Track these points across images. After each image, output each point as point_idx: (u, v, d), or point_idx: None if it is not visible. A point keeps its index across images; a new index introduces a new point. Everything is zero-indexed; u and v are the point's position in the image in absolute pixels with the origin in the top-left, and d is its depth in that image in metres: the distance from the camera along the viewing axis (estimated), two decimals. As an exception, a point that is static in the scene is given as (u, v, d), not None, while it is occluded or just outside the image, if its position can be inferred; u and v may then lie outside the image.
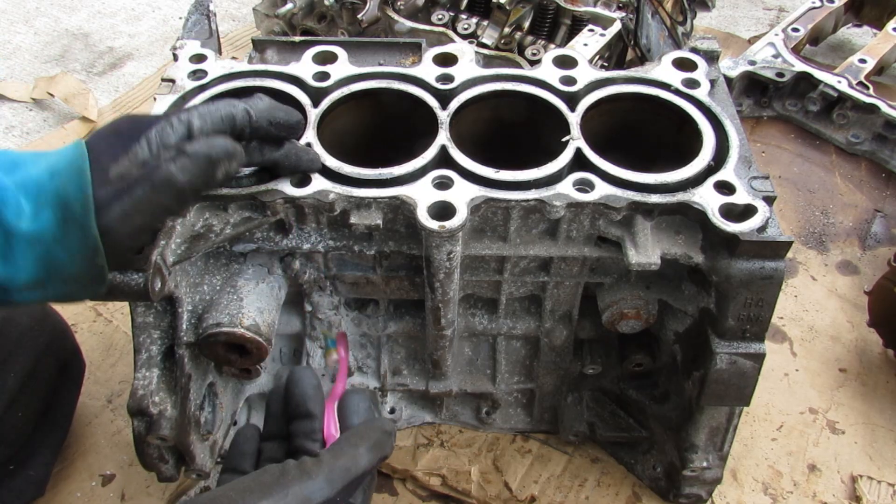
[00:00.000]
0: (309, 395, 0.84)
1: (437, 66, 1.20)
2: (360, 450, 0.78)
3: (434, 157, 1.06)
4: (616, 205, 1.01)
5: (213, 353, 1.07)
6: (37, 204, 0.76)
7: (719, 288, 1.01)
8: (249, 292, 1.09)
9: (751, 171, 1.05)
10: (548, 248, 1.09)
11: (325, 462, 0.76)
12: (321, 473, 0.74)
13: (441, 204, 1.00)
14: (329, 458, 0.76)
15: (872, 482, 1.38)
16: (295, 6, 2.00)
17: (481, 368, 1.33)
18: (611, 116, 1.19)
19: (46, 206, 0.76)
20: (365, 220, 1.02)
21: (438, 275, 1.06)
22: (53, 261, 0.77)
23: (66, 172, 0.77)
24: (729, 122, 1.12)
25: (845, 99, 2.02)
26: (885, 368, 1.56)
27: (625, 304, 1.13)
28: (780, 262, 0.98)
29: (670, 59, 1.21)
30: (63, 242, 0.77)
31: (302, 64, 1.20)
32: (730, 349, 1.05)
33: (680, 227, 1.04)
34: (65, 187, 0.76)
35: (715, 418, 1.15)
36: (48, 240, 0.76)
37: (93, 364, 1.46)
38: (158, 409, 1.06)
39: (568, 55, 1.22)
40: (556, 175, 1.04)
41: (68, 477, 1.34)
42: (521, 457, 1.41)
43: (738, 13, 2.76)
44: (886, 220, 1.88)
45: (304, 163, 1.02)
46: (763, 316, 1.03)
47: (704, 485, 1.25)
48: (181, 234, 1.01)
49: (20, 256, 0.76)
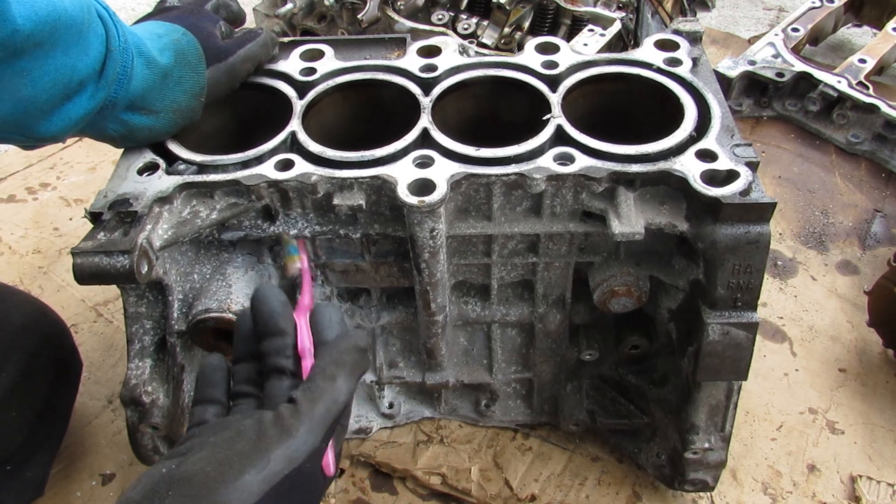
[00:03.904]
0: (277, 311, 0.78)
1: (422, 58, 1.22)
2: (339, 381, 0.73)
3: (416, 138, 1.08)
4: (596, 175, 1.01)
5: (203, 340, 1.08)
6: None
7: (706, 256, 1.00)
8: (238, 279, 1.10)
9: (733, 139, 1.05)
10: (532, 225, 1.09)
11: (303, 410, 0.70)
12: (302, 426, 0.69)
13: (421, 181, 1.00)
14: (306, 404, 0.71)
15: (872, 482, 1.35)
16: (295, 6, 2.03)
17: (477, 358, 1.32)
18: (595, 98, 1.20)
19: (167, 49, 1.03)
20: (348, 200, 1.04)
21: (423, 254, 1.06)
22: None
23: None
24: (711, 96, 1.12)
25: (845, 99, 2.02)
26: (885, 368, 1.54)
27: (615, 281, 1.12)
28: (766, 226, 0.97)
29: (652, 41, 1.22)
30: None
31: (290, 61, 1.23)
32: (722, 319, 1.03)
33: (664, 198, 1.04)
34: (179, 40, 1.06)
35: (714, 396, 1.13)
36: None
37: (93, 364, 1.48)
38: (151, 399, 1.07)
39: (550, 41, 1.24)
40: (536, 150, 1.05)
41: (68, 477, 1.34)
42: (522, 454, 1.39)
43: (738, 13, 2.78)
44: (886, 220, 1.86)
45: None
46: (753, 283, 1.01)
47: (709, 469, 1.21)
48: (168, 219, 1.02)
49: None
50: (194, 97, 1.07)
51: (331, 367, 0.74)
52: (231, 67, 1.12)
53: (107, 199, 1.02)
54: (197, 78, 1.07)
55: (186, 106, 1.07)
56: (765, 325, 1.60)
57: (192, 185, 1.04)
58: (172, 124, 1.08)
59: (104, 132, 1.04)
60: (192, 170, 1.07)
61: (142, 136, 1.07)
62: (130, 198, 1.01)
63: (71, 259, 0.95)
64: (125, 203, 1.00)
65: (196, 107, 1.09)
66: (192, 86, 1.07)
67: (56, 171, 2.02)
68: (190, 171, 1.06)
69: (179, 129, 1.10)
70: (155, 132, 1.07)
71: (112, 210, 1.00)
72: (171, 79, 1.04)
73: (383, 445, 1.39)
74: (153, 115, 1.05)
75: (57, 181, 1.99)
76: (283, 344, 0.77)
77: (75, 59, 0.90)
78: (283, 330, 0.78)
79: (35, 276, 1.73)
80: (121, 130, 1.04)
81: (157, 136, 1.09)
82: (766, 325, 1.60)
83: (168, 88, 1.04)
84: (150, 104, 1.03)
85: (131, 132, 1.05)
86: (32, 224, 1.87)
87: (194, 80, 1.06)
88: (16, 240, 1.83)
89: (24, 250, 1.80)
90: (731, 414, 1.15)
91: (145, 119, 1.04)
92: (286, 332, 0.78)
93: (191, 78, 1.06)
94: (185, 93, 1.06)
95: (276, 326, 0.78)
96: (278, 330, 0.78)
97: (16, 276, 1.73)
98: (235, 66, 1.12)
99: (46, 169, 2.03)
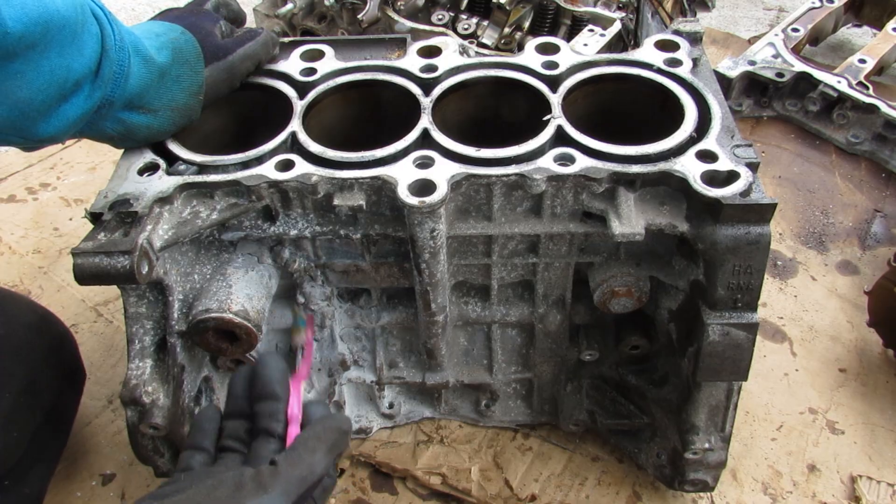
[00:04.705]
0: (275, 378, 0.86)
1: (422, 58, 1.22)
2: (318, 455, 0.80)
3: (416, 139, 1.08)
4: (597, 176, 1.01)
5: (203, 340, 1.07)
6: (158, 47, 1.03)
7: (706, 256, 1.00)
8: (239, 279, 1.10)
9: (734, 140, 1.05)
10: (533, 225, 1.09)
11: (281, 472, 0.76)
12: (277, 486, 0.75)
13: (422, 181, 1.00)
14: (286, 468, 0.77)
15: (872, 482, 1.35)
16: (295, 6, 2.03)
17: (477, 359, 1.32)
18: (595, 99, 1.20)
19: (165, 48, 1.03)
20: (348, 201, 1.04)
21: (424, 255, 1.06)
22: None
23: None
24: (711, 96, 1.12)
25: (845, 99, 2.02)
26: (885, 368, 1.54)
27: (615, 282, 1.12)
28: (766, 227, 0.97)
29: (652, 42, 1.22)
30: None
31: (290, 61, 1.23)
32: (722, 320, 1.03)
33: (664, 199, 1.04)
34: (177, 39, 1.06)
35: (714, 396, 1.13)
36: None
37: (93, 364, 1.48)
38: (151, 399, 1.07)
39: (550, 42, 1.24)
40: (537, 151, 1.05)
41: (68, 477, 1.34)
42: (522, 454, 1.39)
43: (738, 13, 2.78)
44: (886, 220, 1.87)
45: None
46: (753, 284, 1.01)
47: (709, 469, 1.21)
48: (168, 220, 1.02)
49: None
50: (193, 96, 1.07)
51: (313, 440, 0.81)
52: (230, 66, 1.12)
53: (107, 199, 1.02)
54: (195, 76, 1.07)
55: (185, 104, 1.07)
56: (765, 325, 1.60)
57: (193, 185, 1.04)
58: (171, 123, 1.08)
59: (103, 132, 1.03)
60: (193, 170, 1.07)
61: (140, 135, 1.07)
62: (131, 198, 1.01)
63: (71, 259, 0.95)
64: (125, 203, 1.00)
65: (195, 105, 1.08)
66: (191, 84, 1.06)
67: (56, 171, 2.02)
68: (190, 172, 1.06)
69: (178, 128, 1.10)
70: (153, 131, 1.07)
71: (112, 210, 1.00)
72: (168, 77, 1.04)
73: (383, 445, 1.40)
74: (151, 114, 1.04)
75: (57, 181, 1.99)
76: (276, 409, 0.84)
77: (70, 60, 0.90)
78: (279, 396, 0.85)
79: (35, 276, 1.73)
80: (119, 130, 1.04)
81: (155, 135, 1.08)
82: (766, 325, 1.60)
83: (166, 87, 1.04)
84: (147, 103, 1.03)
85: (130, 131, 1.05)
86: (32, 224, 1.87)
87: (192, 78, 1.06)
88: (16, 240, 1.83)
89: (24, 250, 1.80)
90: (732, 414, 1.15)
91: (143, 118, 1.04)
92: (281, 398, 0.85)
93: (189, 76, 1.06)
94: (183, 91, 1.06)
95: (273, 391, 0.85)
96: (274, 395, 0.85)
97: (16, 276, 1.73)
98: (234, 65, 1.12)
99: (46, 169, 2.03)
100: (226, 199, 1.06)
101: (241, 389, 0.88)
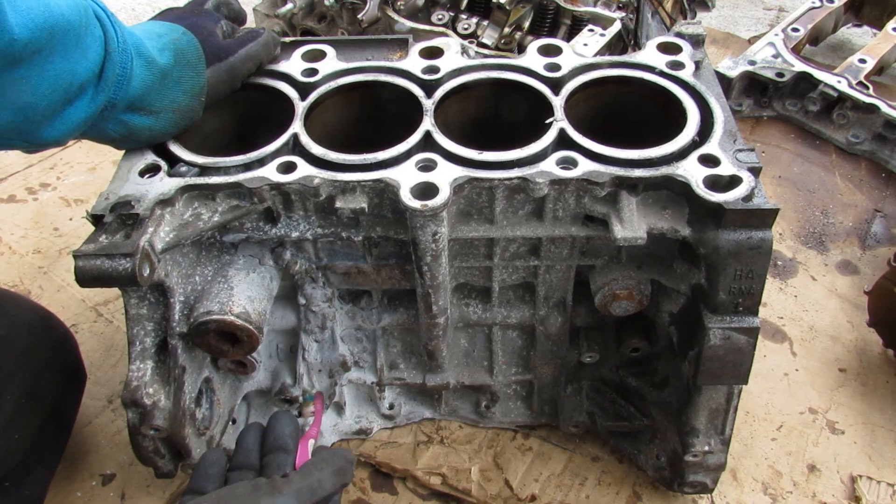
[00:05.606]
0: (287, 433, 0.95)
1: (424, 59, 1.22)
2: (326, 473, 0.87)
3: (418, 141, 1.08)
4: (599, 180, 1.01)
5: (205, 342, 1.07)
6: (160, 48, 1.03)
7: (708, 261, 1.00)
8: (240, 281, 1.10)
9: (736, 144, 1.05)
10: (535, 228, 1.09)
11: (294, 481, 0.84)
12: (290, 491, 0.82)
13: (424, 185, 1.00)
14: (297, 478, 0.85)
15: (872, 482, 1.35)
16: (295, 6, 2.03)
17: (478, 360, 1.32)
18: (597, 101, 1.20)
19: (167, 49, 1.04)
20: (350, 203, 1.04)
21: (425, 258, 1.06)
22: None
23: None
24: (714, 100, 1.12)
25: (845, 99, 2.02)
26: (885, 368, 1.54)
27: (616, 285, 1.12)
28: (768, 232, 0.97)
29: (655, 44, 1.22)
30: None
31: (291, 62, 1.23)
32: (723, 324, 1.03)
33: (667, 203, 1.04)
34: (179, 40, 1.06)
35: (714, 399, 1.13)
36: None
37: (93, 364, 1.48)
38: (152, 401, 1.07)
39: (552, 43, 1.23)
40: (539, 154, 1.05)
41: (68, 477, 1.34)
42: (522, 454, 1.39)
43: (738, 13, 2.78)
44: (886, 220, 1.87)
45: None
46: (754, 288, 1.01)
47: (708, 471, 1.22)
48: (170, 222, 1.02)
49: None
50: (194, 97, 1.07)
51: (322, 462, 0.89)
52: (231, 67, 1.11)
53: (108, 201, 1.02)
54: (197, 77, 1.06)
55: (186, 106, 1.07)
56: (765, 325, 1.60)
57: (194, 187, 1.04)
58: (172, 124, 1.07)
59: (104, 133, 1.03)
60: (194, 172, 1.07)
61: (142, 136, 1.06)
62: (132, 200, 1.01)
63: (71, 259, 0.95)
64: (127, 205, 1.00)
65: (196, 106, 1.08)
66: (192, 85, 1.06)
67: (56, 172, 2.02)
68: (192, 173, 1.06)
69: (180, 130, 1.10)
70: (155, 132, 1.07)
71: (114, 212, 1.00)
72: (170, 79, 1.03)
73: (384, 446, 1.40)
74: (153, 116, 1.04)
75: (57, 181, 1.99)
76: (286, 461, 0.92)
77: (74, 64, 0.90)
78: (290, 448, 0.93)
79: (35, 276, 1.73)
80: (121, 131, 1.03)
81: (157, 136, 1.08)
82: (767, 325, 1.61)
83: (168, 88, 1.03)
84: (149, 104, 1.03)
85: (131, 133, 1.05)
86: (32, 224, 1.87)
87: (194, 79, 1.06)
88: (16, 240, 1.83)
89: (24, 250, 1.80)
90: (731, 417, 1.16)
91: (145, 119, 1.04)
92: (292, 450, 0.94)
93: (190, 77, 1.06)
94: (184, 92, 1.06)
95: (286, 444, 0.93)
96: (286, 447, 0.93)
97: (16, 276, 1.73)
98: (236, 66, 1.12)
99: (46, 169, 2.02)
100: (227, 201, 1.06)
101: (252, 442, 0.94)
